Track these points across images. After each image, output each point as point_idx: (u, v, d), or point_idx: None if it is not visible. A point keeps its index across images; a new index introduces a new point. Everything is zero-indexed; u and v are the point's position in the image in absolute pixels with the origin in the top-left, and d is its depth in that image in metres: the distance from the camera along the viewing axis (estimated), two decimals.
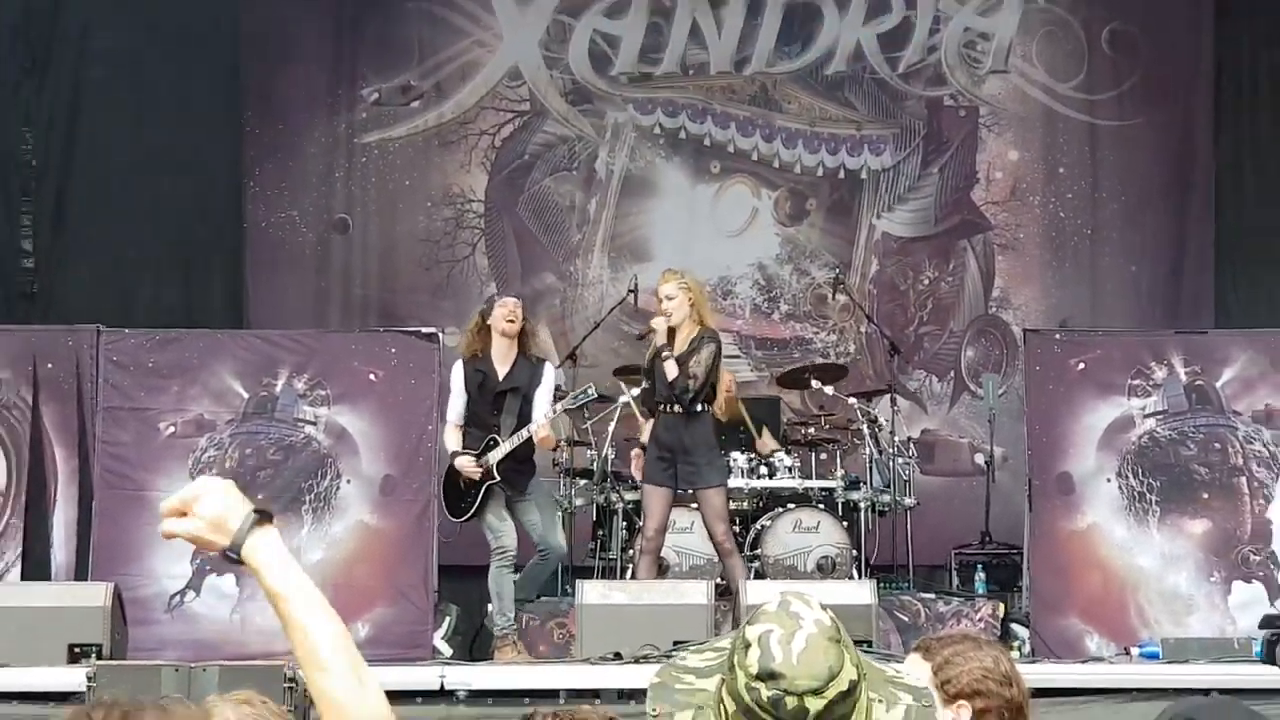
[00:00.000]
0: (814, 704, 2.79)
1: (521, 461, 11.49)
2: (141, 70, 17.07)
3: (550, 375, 11.84)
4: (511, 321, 11.58)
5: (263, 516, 2.94)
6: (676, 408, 11.50)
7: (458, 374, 11.77)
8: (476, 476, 11.38)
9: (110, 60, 17.16)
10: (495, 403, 11.44)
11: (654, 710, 2.99)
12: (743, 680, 2.83)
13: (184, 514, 2.90)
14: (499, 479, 11.36)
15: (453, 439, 11.66)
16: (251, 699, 4.08)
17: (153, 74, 17.10)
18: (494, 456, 11.28)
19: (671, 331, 11.52)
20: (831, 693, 2.81)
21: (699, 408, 11.47)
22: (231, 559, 2.92)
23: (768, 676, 2.80)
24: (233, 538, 2.88)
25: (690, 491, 11.60)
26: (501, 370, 11.53)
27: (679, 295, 11.62)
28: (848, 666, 2.84)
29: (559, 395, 12.07)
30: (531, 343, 11.86)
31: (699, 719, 2.94)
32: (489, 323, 11.61)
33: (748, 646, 2.85)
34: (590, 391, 12.34)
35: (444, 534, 12.04)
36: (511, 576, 11.60)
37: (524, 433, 11.32)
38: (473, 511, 11.49)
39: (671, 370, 11.41)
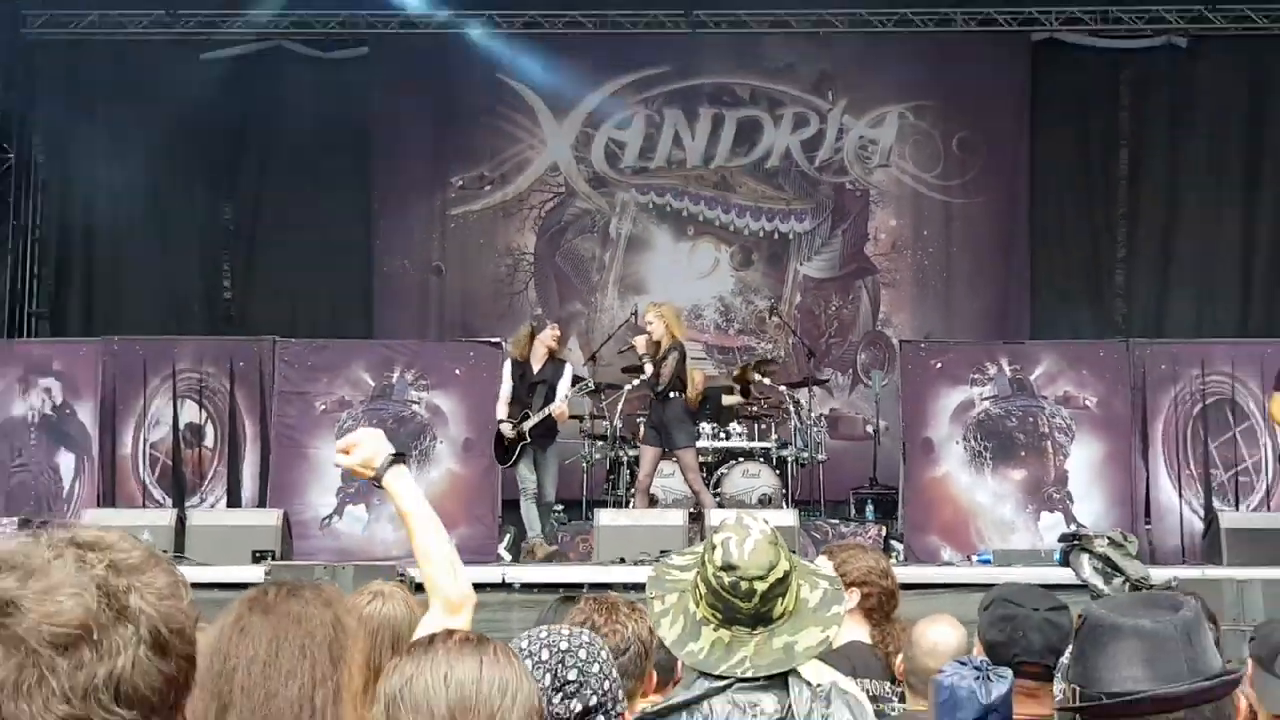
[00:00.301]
0: (760, 586, 2.87)
1: (547, 430, 11.59)
2: (304, 164, 17.13)
3: (569, 372, 11.85)
4: (556, 341, 11.81)
5: (399, 457, 3.22)
6: (655, 395, 11.63)
7: (507, 368, 11.78)
8: (512, 436, 11.52)
9: (284, 158, 17.27)
10: (530, 389, 11.50)
11: (653, 594, 3.08)
12: (710, 571, 2.91)
13: (347, 452, 3.22)
14: (530, 440, 11.49)
15: (501, 411, 11.69)
16: (400, 585, 4.17)
17: (313, 166, 17.16)
18: (526, 425, 11.39)
19: (658, 344, 11.60)
20: (771, 579, 2.89)
21: (670, 395, 11.51)
22: (375, 485, 3.21)
23: (728, 568, 2.88)
24: (376, 471, 3.16)
25: (671, 451, 11.66)
26: (536, 367, 11.61)
27: (655, 321, 11.75)
28: (783, 561, 2.93)
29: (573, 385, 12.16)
30: (559, 350, 11.93)
31: (682, 600, 3.00)
32: (537, 336, 11.70)
33: (714, 548, 2.93)
34: (589, 384, 12.54)
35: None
36: (535, 506, 11.74)
37: (546, 410, 11.42)
38: (511, 461, 11.61)
39: (648, 370, 11.62)
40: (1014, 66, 17.12)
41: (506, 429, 11.44)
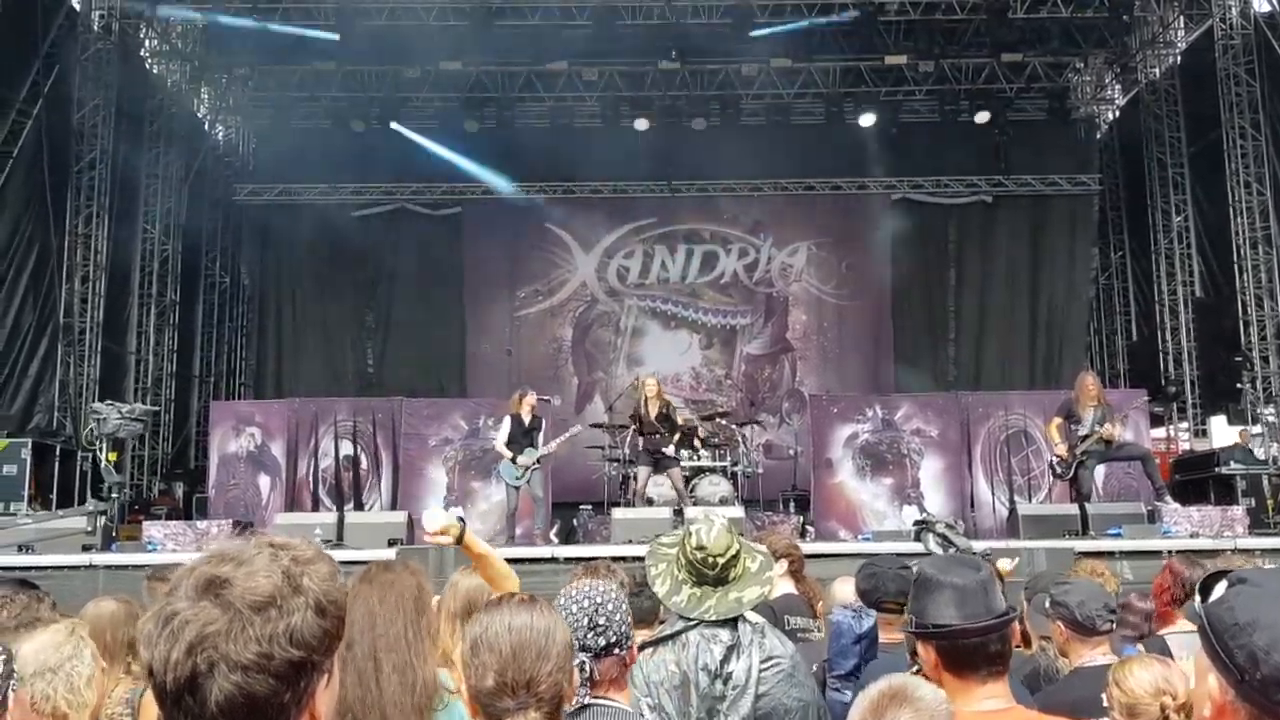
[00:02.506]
0: (720, 559, 2.92)
1: (537, 460, 10.55)
2: (420, 283, 17.29)
3: (543, 424, 10.88)
4: (534, 405, 10.71)
5: (462, 521, 3.09)
6: (658, 436, 11.08)
7: (508, 421, 10.71)
8: (530, 464, 10.51)
9: (406, 279, 17.39)
10: (526, 436, 10.59)
11: (649, 563, 3.08)
12: (688, 549, 2.95)
13: (441, 532, 3.03)
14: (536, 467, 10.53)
15: (505, 450, 10.61)
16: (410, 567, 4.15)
17: (425, 285, 17.31)
18: (526, 460, 10.44)
19: (663, 402, 11.17)
20: (728, 555, 2.94)
21: (664, 435, 10.97)
22: (457, 544, 3.06)
23: (699, 547, 2.93)
24: (456, 537, 3.03)
25: (666, 470, 11.19)
26: (527, 420, 10.62)
27: (653, 384, 11.35)
28: (735, 542, 2.97)
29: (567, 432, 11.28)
30: (536, 407, 10.87)
31: (669, 567, 3.01)
32: (526, 400, 10.68)
33: (690, 534, 2.98)
34: (576, 429, 11.69)
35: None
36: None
37: (535, 453, 10.47)
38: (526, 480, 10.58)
39: (661, 422, 11.04)
40: (881, 215, 17.28)
41: (524, 459, 10.46)
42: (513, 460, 10.49)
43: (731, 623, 2.89)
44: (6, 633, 3.04)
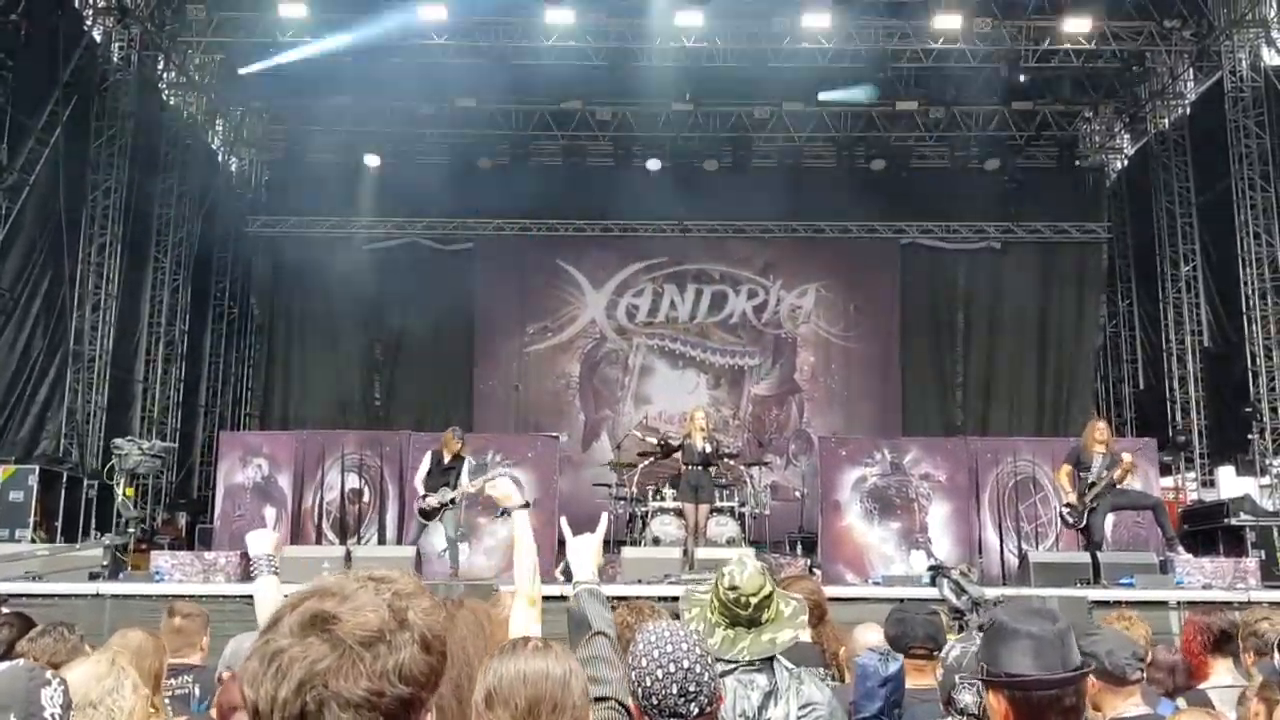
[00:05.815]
0: (753, 600, 2.91)
1: (450, 500, 10.53)
2: (429, 317, 17.30)
3: (466, 465, 10.71)
4: (457, 447, 10.64)
5: (526, 505, 3.12)
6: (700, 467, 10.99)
7: (427, 458, 10.71)
8: (436, 505, 10.56)
9: (415, 313, 17.36)
10: (444, 474, 10.54)
11: (683, 608, 3.05)
12: (721, 591, 2.94)
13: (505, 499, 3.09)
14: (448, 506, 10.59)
15: (420, 486, 10.71)
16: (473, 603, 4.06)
17: (434, 319, 17.34)
18: (445, 496, 10.48)
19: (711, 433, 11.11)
20: (760, 595, 2.92)
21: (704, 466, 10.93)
22: (505, 514, 3.09)
23: (732, 588, 2.92)
24: (510, 506, 3.08)
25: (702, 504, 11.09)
26: (446, 459, 10.60)
27: (701, 417, 11.28)
28: (768, 584, 2.96)
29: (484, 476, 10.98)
30: (461, 448, 10.75)
31: (702, 611, 3.00)
32: (449, 440, 10.64)
33: (723, 575, 2.96)
34: (498, 472, 10.91)
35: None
36: (454, 545, 10.79)
37: (448, 492, 10.47)
38: (436, 518, 10.60)
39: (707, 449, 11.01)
40: (889, 260, 17.40)
41: (433, 500, 10.47)
42: (423, 498, 10.50)
43: (769, 669, 2.87)
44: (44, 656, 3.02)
